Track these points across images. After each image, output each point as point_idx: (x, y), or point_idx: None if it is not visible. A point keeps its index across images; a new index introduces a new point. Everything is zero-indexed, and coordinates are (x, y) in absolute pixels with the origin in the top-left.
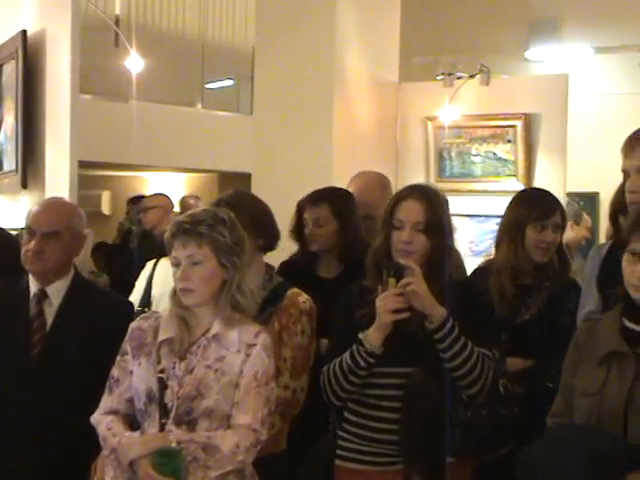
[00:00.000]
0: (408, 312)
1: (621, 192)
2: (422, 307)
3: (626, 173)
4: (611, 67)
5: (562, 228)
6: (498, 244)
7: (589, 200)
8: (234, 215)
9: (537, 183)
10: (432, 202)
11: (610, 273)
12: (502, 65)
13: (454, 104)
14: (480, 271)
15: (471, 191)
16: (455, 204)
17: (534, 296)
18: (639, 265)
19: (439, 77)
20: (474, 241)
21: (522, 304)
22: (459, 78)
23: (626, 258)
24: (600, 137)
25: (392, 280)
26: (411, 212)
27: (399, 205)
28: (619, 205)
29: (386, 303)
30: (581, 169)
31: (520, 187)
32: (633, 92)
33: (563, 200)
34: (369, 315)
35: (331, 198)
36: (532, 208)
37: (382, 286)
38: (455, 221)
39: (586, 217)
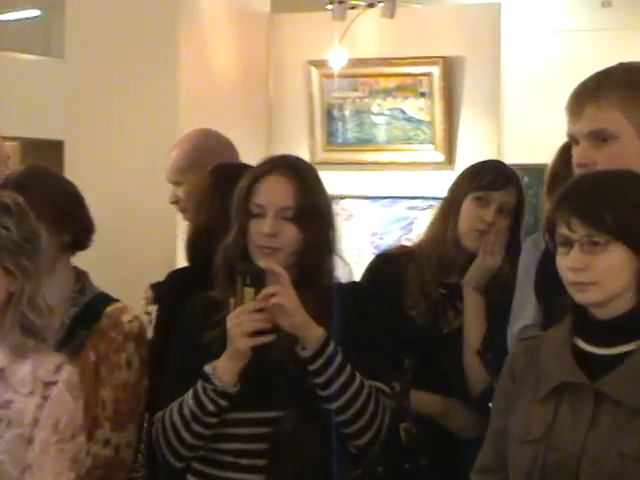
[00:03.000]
0: (273, 334)
1: (561, 159)
2: (291, 327)
3: (573, 139)
4: None
5: (516, 215)
6: (429, 223)
7: (535, 174)
8: (25, 201)
9: (462, 151)
10: (304, 179)
11: (552, 273)
12: None
13: (348, 44)
14: (388, 259)
15: (373, 163)
16: (351, 181)
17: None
18: (572, 254)
19: (328, 6)
20: (377, 232)
21: (451, 308)
22: (353, 8)
23: (559, 250)
24: (547, 89)
25: (249, 290)
26: (275, 193)
27: (258, 184)
28: (560, 177)
29: (241, 322)
30: (522, 132)
31: (439, 157)
32: (590, 28)
33: None
34: (219, 340)
35: None
36: (477, 174)
37: (236, 299)
38: (351, 205)
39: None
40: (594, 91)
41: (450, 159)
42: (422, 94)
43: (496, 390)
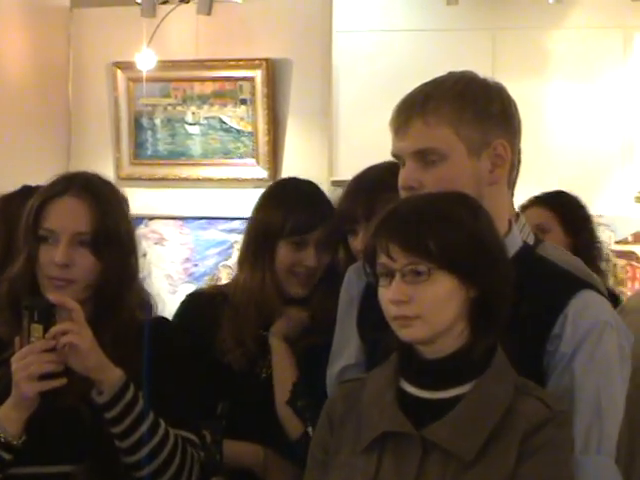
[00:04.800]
0: (64, 378)
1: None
2: (86, 369)
3: (398, 158)
4: None
5: (335, 245)
6: (241, 264)
7: None
8: None
9: (288, 167)
10: (102, 201)
11: (376, 307)
12: None
13: (159, 44)
14: (200, 299)
15: (187, 180)
16: (162, 200)
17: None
18: (393, 285)
19: (138, 0)
20: (192, 258)
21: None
22: (165, 3)
23: (380, 282)
24: (386, 96)
25: (37, 327)
26: (68, 217)
27: (49, 207)
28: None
29: (28, 364)
30: (357, 145)
31: (262, 173)
32: (434, 28)
33: (327, 192)
34: (2, 384)
35: None
36: (287, 213)
37: (21, 337)
38: (162, 227)
39: None
40: (421, 105)
41: (274, 175)
42: (243, 101)
43: (312, 440)
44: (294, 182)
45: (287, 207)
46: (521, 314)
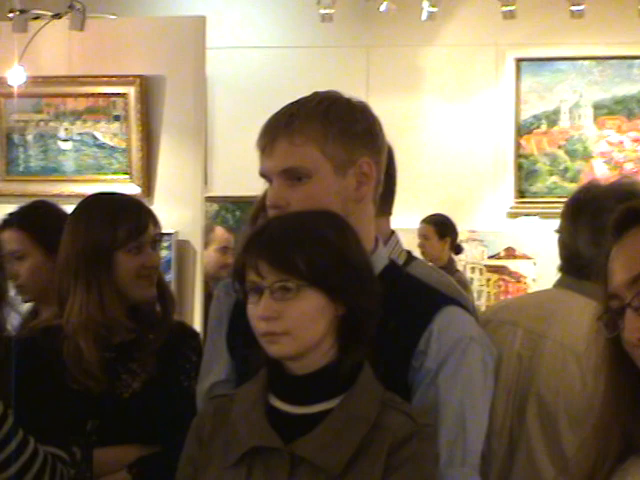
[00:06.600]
0: None
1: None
2: None
3: (266, 178)
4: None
5: (159, 241)
6: (67, 291)
7: (244, 208)
8: None
9: (162, 182)
10: None
11: (245, 323)
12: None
13: (31, 59)
14: (43, 333)
15: (59, 196)
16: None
17: (139, 358)
18: (262, 302)
19: (10, 15)
20: None
21: (125, 371)
22: (37, 18)
23: (249, 299)
24: (261, 112)
25: None
26: None
27: None
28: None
29: None
30: (233, 161)
31: (135, 189)
32: (310, 45)
33: (201, 208)
34: None
35: None
36: (116, 223)
37: None
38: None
39: (219, 230)
40: (286, 124)
41: (148, 191)
42: (116, 117)
43: (182, 456)
44: (100, 197)
45: (111, 219)
46: (387, 330)
